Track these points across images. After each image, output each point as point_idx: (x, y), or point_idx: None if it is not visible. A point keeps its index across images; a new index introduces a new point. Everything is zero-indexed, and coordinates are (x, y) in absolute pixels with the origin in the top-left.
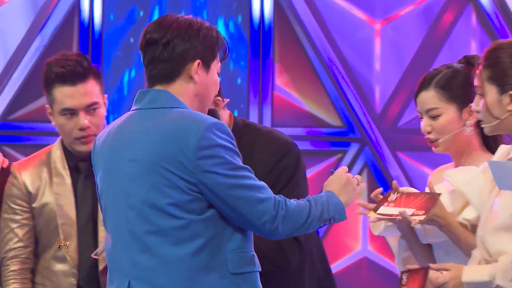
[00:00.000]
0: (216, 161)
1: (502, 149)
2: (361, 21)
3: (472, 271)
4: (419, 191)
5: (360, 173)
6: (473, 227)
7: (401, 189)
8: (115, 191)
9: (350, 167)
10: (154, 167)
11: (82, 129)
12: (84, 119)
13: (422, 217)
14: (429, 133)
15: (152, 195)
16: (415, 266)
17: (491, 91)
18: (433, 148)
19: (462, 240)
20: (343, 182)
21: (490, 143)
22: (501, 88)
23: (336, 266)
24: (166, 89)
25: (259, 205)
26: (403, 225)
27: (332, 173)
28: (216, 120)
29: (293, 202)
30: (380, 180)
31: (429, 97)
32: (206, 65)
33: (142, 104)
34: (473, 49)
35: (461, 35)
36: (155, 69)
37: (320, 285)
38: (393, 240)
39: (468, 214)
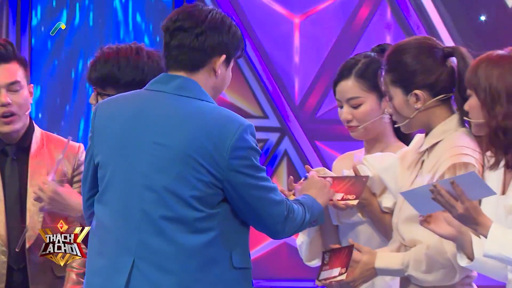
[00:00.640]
0: (246, 163)
1: (417, 138)
2: (281, 15)
3: (386, 258)
4: (341, 176)
5: (280, 162)
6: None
7: (314, 169)
8: (129, 168)
9: (270, 156)
10: (183, 157)
11: (3, 105)
12: (6, 96)
13: (355, 202)
14: (349, 121)
15: (177, 184)
16: (337, 245)
17: (397, 94)
18: (350, 133)
19: (383, 222)
20: (319, 186)
21: (400, 132)
22: (405, 89)
23: (256, 252)
24: (190, 77)
25: (275, 207)
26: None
27: (306, 178)
28: (248, 122)
29: (294, 205)
30: (299, 168)
31: (350, 86)
32: (228, 61)
33: (168, 88)
34: (388, 42)
35: (377, 29)
36: (182, 55)
37: None
38: None
39: (387, 203)
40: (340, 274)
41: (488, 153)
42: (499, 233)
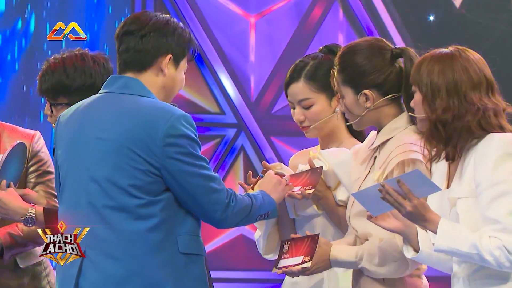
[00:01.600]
0: (180, 150)
1: (371, 135)
2: (237, 15)
3: (340, 250)
4: (298, 172)
5: (236, 157)
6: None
7: (271, 165)
8: (78, 165)
9: (227, 151)
10: (121, 148)
11: None
12: None
13: (311, 191)
14: (302, 121)
15: (115, 174)
16: (298, 235)
17: (348, 93)
18: (305, 133)
19: (337, 214)
20: (274, 182)
21: (353, 129)
22: (355, 88)
23: (213, 244)
24: (137, 78)
25: (214, 195)
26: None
27: (262, 176)
28: (183, 112)
29: (240, 195)
30: (256, 162)
31: (300, 88)
32: (176, 61)
33: (113, 88)
34: (341, 41)
35: (329, 29)
36: (129, 57)
37: None
38: None
39: (341, 196)
40: (304, 262)
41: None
42: (447, 228)
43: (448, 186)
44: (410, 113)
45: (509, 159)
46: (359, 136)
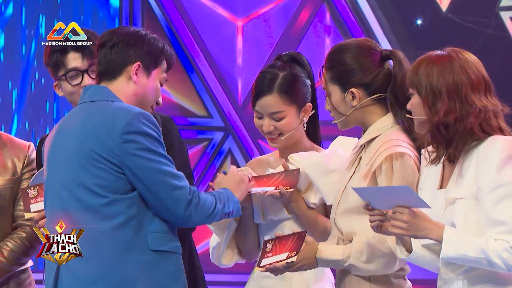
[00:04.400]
0: (138, 146)
1: (338, 140)
2: (224, 18)
3: (327, 249)
4: (271, 173)
5: (224, 159)
6: (317, 209)
7: (239, 169)
8: (52, 175)
9: (215, 154)
10: (84, 150)
11: None
12: None
13: (290, 190)
14: (271, 132)
15: (80, 175)
16: (280, 233)
17: (335, 91)
18: (270, 143)
19: (308, 217)
20: (237, 180)
21: (311, 135)
22: (343, 87)
23: (201, 247)
24: (107, 86)
25: (176, 191)
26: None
27: (225, 173)
28: (143, 110)
29: (203, 193)
30: (243, 165)
31: (274, 102)
32: (147, 69)
33: (84, 98)
34: (328, 44)
35: (317, 32)
36: (101, 68)
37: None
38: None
39: (313, 198)
40: (289, 257)
41: (429, 148)
42: (453, 235)
43: (441, 187)
44: (408, 115)
45: None
46: (316, 141)
